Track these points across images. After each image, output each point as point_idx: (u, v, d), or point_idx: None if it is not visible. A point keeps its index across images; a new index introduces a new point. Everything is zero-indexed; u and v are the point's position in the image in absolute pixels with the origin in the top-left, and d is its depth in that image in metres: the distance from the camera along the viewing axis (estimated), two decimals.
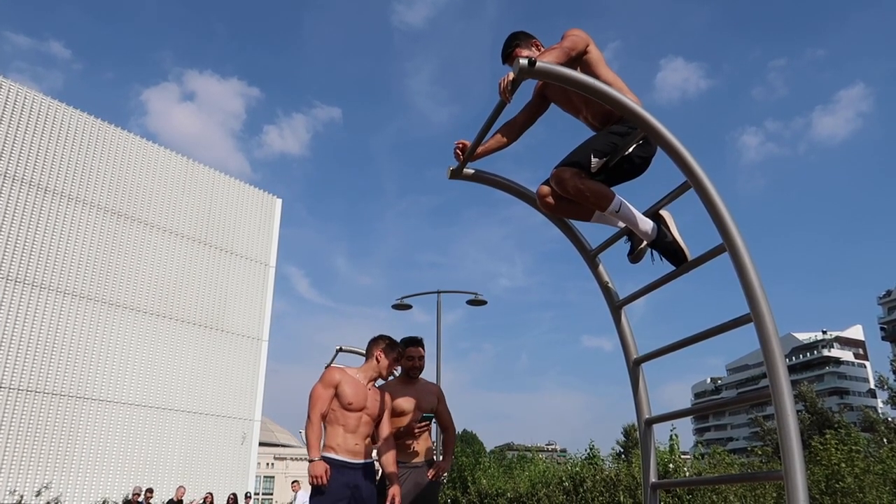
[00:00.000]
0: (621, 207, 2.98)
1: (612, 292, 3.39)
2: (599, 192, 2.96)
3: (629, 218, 3.01)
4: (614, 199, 2.97)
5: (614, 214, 2.99)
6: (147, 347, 17.34)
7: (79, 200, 16.59)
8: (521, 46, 3.18)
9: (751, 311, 2.35)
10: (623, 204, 2.99)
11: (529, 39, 3.21)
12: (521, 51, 3.16)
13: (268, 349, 20.48)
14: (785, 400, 2.22)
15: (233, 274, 19.92)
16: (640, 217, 3.02)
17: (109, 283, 16.87)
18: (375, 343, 4.04)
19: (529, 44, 3.19)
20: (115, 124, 17.93)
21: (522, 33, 3.24)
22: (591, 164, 2.99)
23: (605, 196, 2.96)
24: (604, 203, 2.96)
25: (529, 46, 3.18)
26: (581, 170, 2.98)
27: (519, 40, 3.20)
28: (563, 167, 3.00)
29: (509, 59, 3.23)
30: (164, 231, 18.31)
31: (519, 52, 3.15)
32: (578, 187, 2.96)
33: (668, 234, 2.98)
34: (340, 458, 3.75)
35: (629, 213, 3.00)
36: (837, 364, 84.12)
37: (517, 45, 3.18)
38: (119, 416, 16.53)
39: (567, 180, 2.97)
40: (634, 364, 3.24)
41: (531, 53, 3.13)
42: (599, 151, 2.99)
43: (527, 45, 3.19)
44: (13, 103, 15.86)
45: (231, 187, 20.49)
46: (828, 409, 46.12)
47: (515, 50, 3.18)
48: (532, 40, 3.21)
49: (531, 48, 3.18)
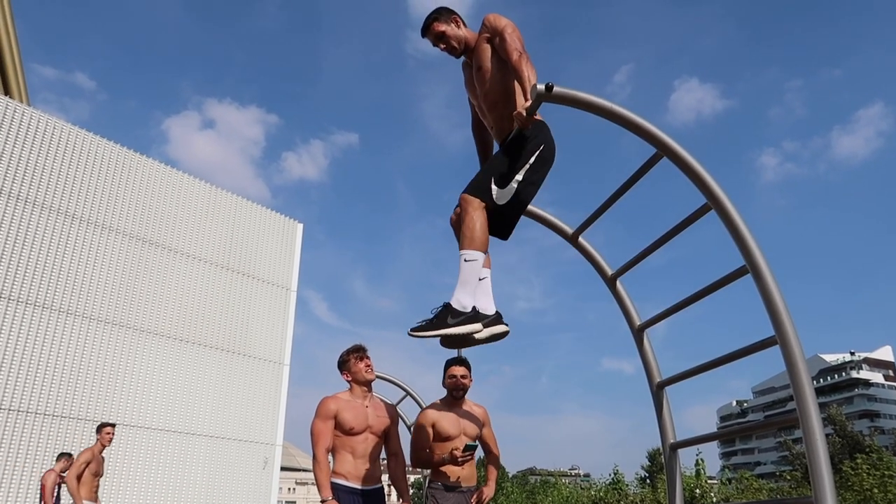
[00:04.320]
0: (477, 261, 2.74)
1: (634, 315, 3.36)
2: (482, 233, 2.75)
3: (468, 277, 2.74)
4: (481, 250, 2.74)
5: (465, 262, 2.74)
6: (170, 372, 17.46)
7: (105, 227, 16.88)
8: (440, 21, 3.18)
9: (776, 334, 2.32)
10: (478, 262, 2.74)
11: (450, 15, 3.21)
12: (438, 25, 3.17)
13: (289, 373, 20.52)
14: (813, 423, 2.19)
15: (255, 298, 20.06)
16: (473, 292, 2.75)
17: (134, 308, 17.07)
18: (339, 367, 4.01)
19: (449, 19, 3.19)
20: (139, 152, 18.27)
21: (444, 9, 3.23)
22: (492, 193, 2.80)
23: (483, 240, 2.75)
24: (469, 243, 2.73)
25: (448, 21, 3.18)
26: (483, 199, 2.79)
27: (438, 14, 3.20)
28: (470, 193, 2.83)
29: (427, 31, 3.22)
30: (188, 256, 18.53)
31: (437, 26, 3.17)
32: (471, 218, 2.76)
33: (455, 325, 2.70)
34: (352, 484, 3.71)
35: (472, 274, 2.74)
36: (867, 386, 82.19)
37: (436, 19, 3.19)
38: (142, 440, 16.61)
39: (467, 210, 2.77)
40: (658, 387, 3.20)
41: (448, 28, 3.16)
42: (500, 177, 2.81)
43: (446, 20, 3.19)
44: (42, 133, 16.24)
45: (253, 213, 20.72)
46: (858, 433, 45.00)
47: (434, 24, 3.19)
48: (452, 16, 3.21)
49: (450, 23, 3.18)
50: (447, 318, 2.71)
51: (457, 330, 2.70)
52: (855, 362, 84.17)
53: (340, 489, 3.66)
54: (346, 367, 3.94)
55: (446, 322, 2.70)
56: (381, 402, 4.03)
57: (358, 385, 3.90)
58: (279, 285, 20.91)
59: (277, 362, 20.25)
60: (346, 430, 3.74)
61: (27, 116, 16.03)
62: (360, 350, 3.97)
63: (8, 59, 15.72)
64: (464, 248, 2.76)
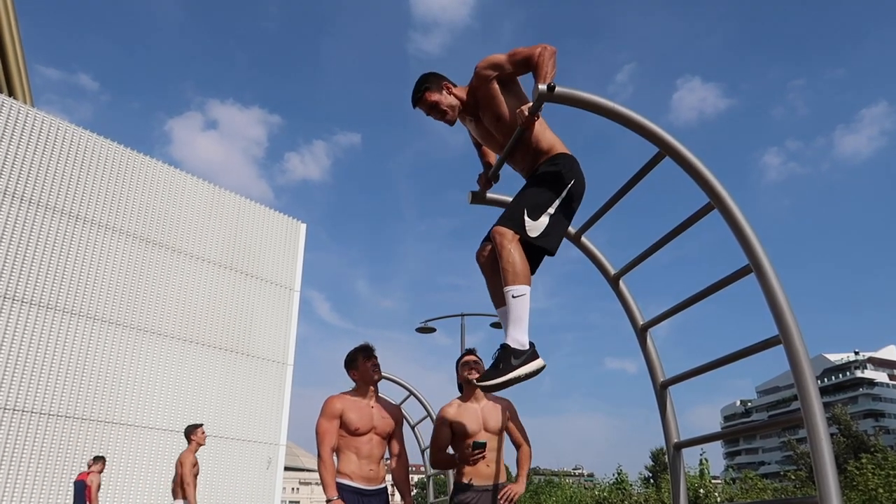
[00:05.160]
0: (526, 296, 2.71)
1: (637, 314, 3.36)
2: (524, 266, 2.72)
3: (521, 314, 2.70)
4: (527, 283, 2.71)
5: (514, 299, 2.69)
6: (174, 372, 17.50)
7: (109, 227, 16.92)
8: (431, 90, 3.06)
9: (779, 333, 2.32)
10: (527, 297, 2.71)
11: (440, 82, 3.08)
12: (430, 94, 3.05)
13: (292, 373, 20.54)
14: (817, 423, 2.18)
15: (258, 299, 20.08)
16: (527, 328, 2.72)
17: (137, 308, 17.10)
18: (346, 366, 4.01)
19: (440, 86, 3.07)
20: (142, 153, 18.30)
21: (433, 75, 3.11)
22: (525, 226, 2.76)
23: (527, 272, 2.72)
24: (514, 279, 2.68)
25: (440, 89, 3.06)
26: (517, 232, 2.75)
27: (429, 83, 3.08)
28: (504, 225, 2.78)
29: (419, 102, 3.11)
30: (192, 257, 18.56)
31: (429, 96, 3.05)
32: (509, 251, 2.71)
33: (521, 365, 2.64)
34: (356, 484, 3.70)
35: (524, 310, 2.72)
36: (871, 385, 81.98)
37: (427, 89, 3.07)
38: (146, 440, 16.64)
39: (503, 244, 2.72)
40: (662, 387, 3.20)
41: (441, 96, 3.04)
42: (533, 209, 2.76)
43: (437, 88, 3.06)
44: (46, 134, 16.28)
45: (257, 213, 20.74)
46: (863, 433, 44.89)
47: (425, 94, 3.07)
48: (443, 82, 3.08)
49: (441, 91, 3.06)
50: (511, 360, 2.65)
51: (523, 370, 2.64)
52: (859, 362, 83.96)
53: (345, 489, 3.66)
54: (353, 365, 3.94)
55: (511, 364, 2.64)
56: (386, 403, 4.02)
57: (364, 384, 3.90)
58: (282, 285, 20.93)
59: (281, 362, 20.27)
60: (350, 430, 3.74)
61: (31, 118, 16.07)
62: (367, 349, 3.98)
63: (12, 61, 15.76)
64: (509, 284, 2.71)
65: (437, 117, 3.10)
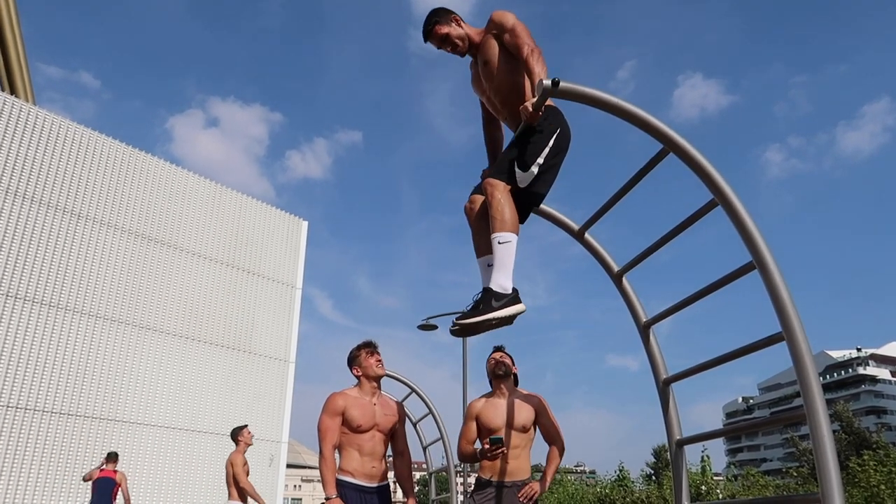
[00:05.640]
0: (512, 243, 2.77)
1: (640, 311, 3.35)
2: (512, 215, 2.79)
3: (506, 260, 2.74)
4: (514, 231, 2.78)
5: (500, 245, 2.75)
6: (176, 369, 17.52)
7: (110, 225, 16.94)
8: (441, 23, 3.18)
9: (782, 330, 2.31)
10: (513, 244, 2.77)
11: (449, 15, 3.20)
12: (441, 27, 3.17)
13: (294, 371, 20.57)
14: (820, 420, 2.17)
15: (260, 296, 20.10)
16: (511, 274, 2.75)
17: (139, 306, 17.13)
18: (349, 363, 4.01)
19: (449, 19, 3.19)
20: (144, 150, 18.30)
21: (442, 9, 3.22)
22: (515, 176, 2.87)
23: (515, 221, 2.80)
24: (501, 226, 2.74)
25: (449, 22, 3.18)
26: (508, 182, 2.86)
27: (438, 17, 3.19)
28: (495, 177, 2.89)
29: (430, 35, 3.22)
30: (193, 254, 18.58)
31: (439, 29, 3.17)
32: (499, 201, 2.80)
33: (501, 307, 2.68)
34: (358, 481, 3.69)
35: (509, 256, 2.75)
36: (874, 382, 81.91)
37: (437, 22, 3.18)
38: (148, 438, 16.68)
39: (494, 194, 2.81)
40: (664, 384, 3.19)
41: (450, 28, 3.16)
42: (522, 160, 2.87)
43: (446, 21, 3.18)
44: (48, 132, 16.30)
45: (258, 211, 20.76)
46: (865, 429, 44.88)
47: (435, 27, 3.18)
48: (451, 16, 3.20)
49: (451, 24, 3.18)
50: (491, 302, 2.71)
51: (503, 312, 2.69)
52: (861, 358, 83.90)
53: (347, 486, 3.66)
54: (356, 361, 3.94)
55: (491, 306, 2.70)
56: (388, 400, 4.02)
57: (367, 381, 3.89)
58: (284, 283, 20.94)
59: (283, 360, 20.30)
60: (353, 427, 3.73)
61: (33, 115, 16.08)
62: (370, 345, 3.98)
63: (13, 59, 15.77)
64: (496, 231, 2.78)
65: (449, 49, 3.21)
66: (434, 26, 3.18)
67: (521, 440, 3.97)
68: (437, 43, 3.22)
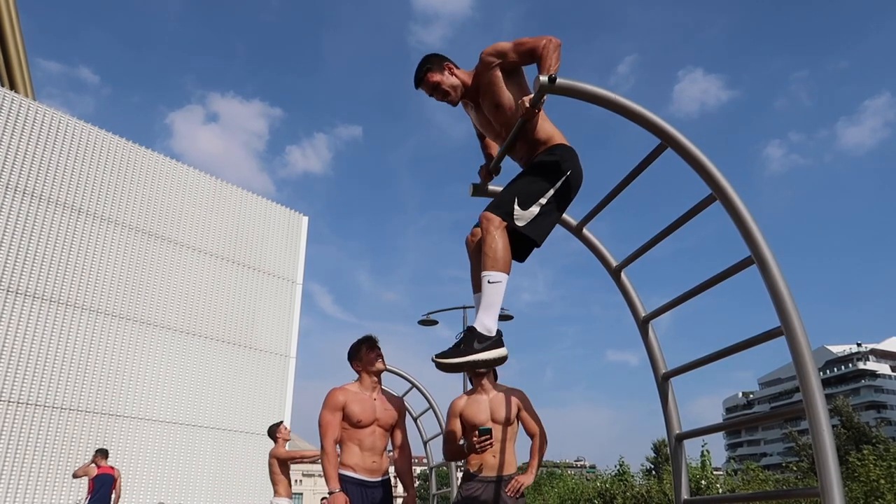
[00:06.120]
0: (502, 283, 2.68)
1: (639, 306, 3.35)
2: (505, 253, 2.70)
3: (493, 300, 2.66)
4: (505, 271, 2.69)
5: (489, 284, 2.67)
6: (177, 365, 17.54)
7: (111, 221, 16.93)
8: (433, 70, 3.06)
9: (781, 325, 2.31)
10: (502, 284, 2.68)
11: (442, 63, 3.09)
12: (433, 75, 3.05)
13: (295, 366, 20.60)
14: (819, 414, 2.18)
15: (261, 291, 20.11)
16: (496, 315, 2.68)
17: (140, 301, 17.14)
18: (349, 358, 4.02)
19: (442, 67, 3.07)
20: (144, 146, 18.29)
21: (435, 56, 3.11)
22: (513, 214, 2.74)
23: (507, 261, 2.70)
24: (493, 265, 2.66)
25: (441, 70, 3.06)
26: (505, 219, 2.73)
27: (431, 64, 3.08)
28: (492, 211, 2.77)
29: (421, 83, 3.11)
30: (194, 250, 18.58)
31: (431, 77, 3.06)
32: (493, 237, 2.69)
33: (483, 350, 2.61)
34: (359, 476, 3.71)
35: (497, 297, 2.68)
36: (873, 377, 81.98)
37: (428, 70, 3.08)
38: (149, 433, 16.71)
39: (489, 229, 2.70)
40: (663, 379, 3.20)
41: (443, 77, 3.04)
42: (524, 198, 2.74)
43: (438, 69, 3.07)
44: (47, 127, 16.28)
45: (259, 206, 20.75)
46: (864, 424, 44.95)
47: (427, 75, 3.07)
48: (445, 63, 3.09)
49: (443, 72, 3.06)
50: (473, 343, 2.62)
51: (483, 356, 2.61)
52: (861, 353, 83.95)
53: (348, 481, 3.67)
54: (356, 356, 3.95)
55: (472, 348, 2.61)
56: (388, 395, 4.03)
57: (368, 376, 3.91)
58: (285, 278, 20.95)
59: (283, 355, 20.32)
60: (353, 422, 3.74)
61: (32, 111, 16.06)
62: (371, 340, 3.99)
63: (13, 54, 15.75)
64: (487, 269, 2.69)
65: (440, 98, 3.11)
66: (426, 74, 3.08)
67: (506, 434, 4.00)
68: (428, 90, 3.12)
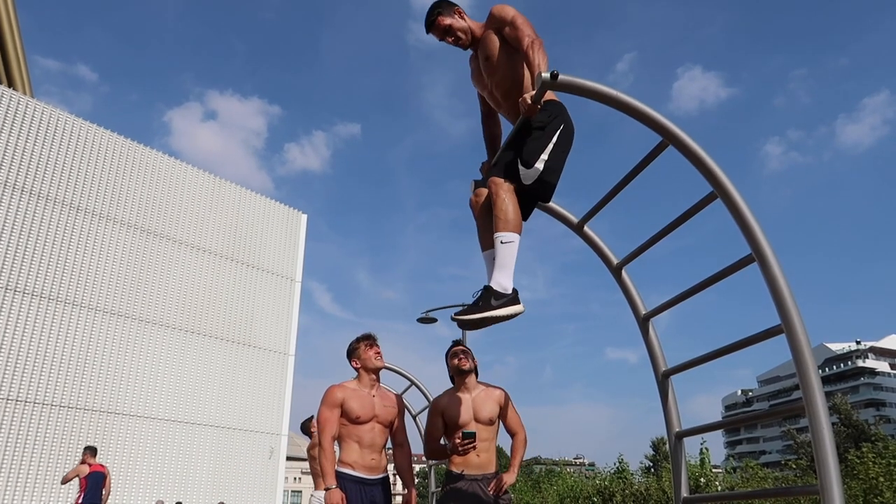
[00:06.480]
0: (515, 243, 2.81)
1: (639, 304, 3.35)
2: (516, 215, 2.83)
3: (507, 260, 2.78)
4: (517, 231, 2.81)
5: (502, 244, 2.79)
6: (176, 362, 17.53)
7: (109, 219, 16.91)
8: (444, 14, 3.16)
9: (782, 322, 2.31)
10: (515, 244, 2.81)
11: (452, 7, 3.19)
12: (443, 18, 3.15)
13: (294, 364, 20.60)
14: (819, 412, 2.18)
15: (259, 289, 20.09)
16: (512, 273, 2.79)
17: (139, 299, 17.12)
18: (348, 355, 4.02)
19: (452, 11, 3.17)
20: (142, 143, 18.27)
21: (445, 1, 3.20)
22: (519, 175, 2.88)
23: (518, 222, 2.83)
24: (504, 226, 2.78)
25: (452, 14, 3.17)
26: (512, 181, 2.88)
27: (441, 8, 3.18)
28: (500, 175, 2.90)
29: (432, 27, 3.20)
30: (192, 248, 18.55)
31: (442, 20, 3.15)
32: (503, 200, 2.83)
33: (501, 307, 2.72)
34: (358, 473, 3.71)
35: (510, 256, 2.80)
36: (873, 375, 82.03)
37: (439, 13, 3.17)
38: (148, 430, 16.70)
39: (499, 193, 2.85)
40: (663, 377, 3.20)
41: (453, 20, 3.14)
42: (527, 157, 2.87)
43: (449, 13, 3.17)
44: (46, 124, 16.25)
45: (257, 204, 20.72)
46: (864, 422, 44.99)
47: (438, 18, 3.17)
48: (454, 7, 3.19)
49: (453, 15, 3.16)
50: (490, 301, 2.73)
51: (501, 312, 2.72)
52: (861, 351, 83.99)
53: (346, 478, 3.67)
54: (355, 354, 3.95)
55: (490, 304, 2.73)
56: (387, 392, 4.03)
57: (366, 373, 3.91)
58: (283, 276, 20.94)
59: (282, 353, 20.32)
60: (352, 419, 3.74)
61: (31, 108, 16.03)
62: (369, 338, 3.99)
63: (11, 52, 15.71)
64: (499, 230, 2.80)
65: (451, 41, 3.19)
66: (437, 17, 3.17)
67: (488, 433, 4.01)
68: (439, 34, 3.20)
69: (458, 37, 3.17)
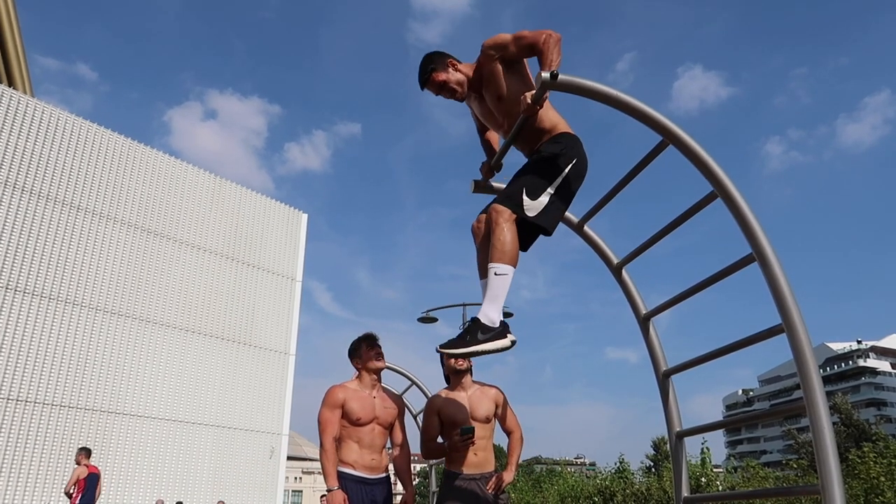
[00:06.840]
0: (508, 276, 2.69)
1: (640, 303, 3.34)
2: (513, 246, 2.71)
3: (498, 292, 2.69)
4: (512, 264, 2.70)
5: (495, 276, 2.69)
6: (176, 362, 17.54)
7: (110, 218, 16.91)
8: (438, 70, 3.03)
9: (782, 322, 2.31)
10: (509, 277, 2.70)
11: (445, 60, 3.05)
12: (438, 74, 3.02)
13: (294, 363, 20.60)
14: (820, 412, 2.18)
15: (260, 289, 20.10)
16: (501, 307, 2.71)
17: (139, 299, 17.13)
18: (349, 355, 4.02)
19: (446, 65, 3.04)
20: (143, 143, 18.27)
21: (437, 54, 3.08)
22: (523, 205, 2.74)
23: (514, 254, 2.72)
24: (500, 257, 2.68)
25: (446, 68, 3.03)
26: (515, 211, 2.74)
27: (434, 64, 3.04)
28: (502, 203, 2.77)
29: (427, 84, 3.08)
30: (193, 247, 18.56)
31: (437, 77, 3.02)
32: (502, 229, 2.71)
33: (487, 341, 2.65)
34: (359, 473, 3.71)
35: (503, 289, 2.71)
36: (874, 374, 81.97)
37: (433, 70, 3.04)
38: (149, 430, 16.71)
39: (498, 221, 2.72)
40: (664, 376, 3.19)
41: (448, 75, 3.02)
42: (532, 188, 2.75)
43: (443, 67, 3.04)
44: (46, 124, 16.26)
45: (258, 203, 20.72)
46: (864, 422, 44.97)
47: (432, 75, 3.04)
48: (447, 60, 3.06)
49: (447, 69, 3.03)
50: (477, 334, 2.66)
51: (487, 346, 2.65)
52: (862, 350, 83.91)
53: (347, 478, 3.67)
54: (356, 354, 3.95)
55: (477, 339, 2.66)
56: (387, 392, 4.03)
57: (367, 373, 3.91)
58: (284, 275, 20.94)
59: (283, 352, 20.32)
60: (352, 419, 3.75)
61: (31, 107, 16.04)
62: (371, 338, 3.99)
63: (11, 51, 15.73)
64: (494, 261, 2.70)
65: (447, 96, 3.09)
66: (431, 74, 3.04)
67: (485, 432, 4.00)
68: (434, 91, 3.08)
69: (453, 90, 3.05)
